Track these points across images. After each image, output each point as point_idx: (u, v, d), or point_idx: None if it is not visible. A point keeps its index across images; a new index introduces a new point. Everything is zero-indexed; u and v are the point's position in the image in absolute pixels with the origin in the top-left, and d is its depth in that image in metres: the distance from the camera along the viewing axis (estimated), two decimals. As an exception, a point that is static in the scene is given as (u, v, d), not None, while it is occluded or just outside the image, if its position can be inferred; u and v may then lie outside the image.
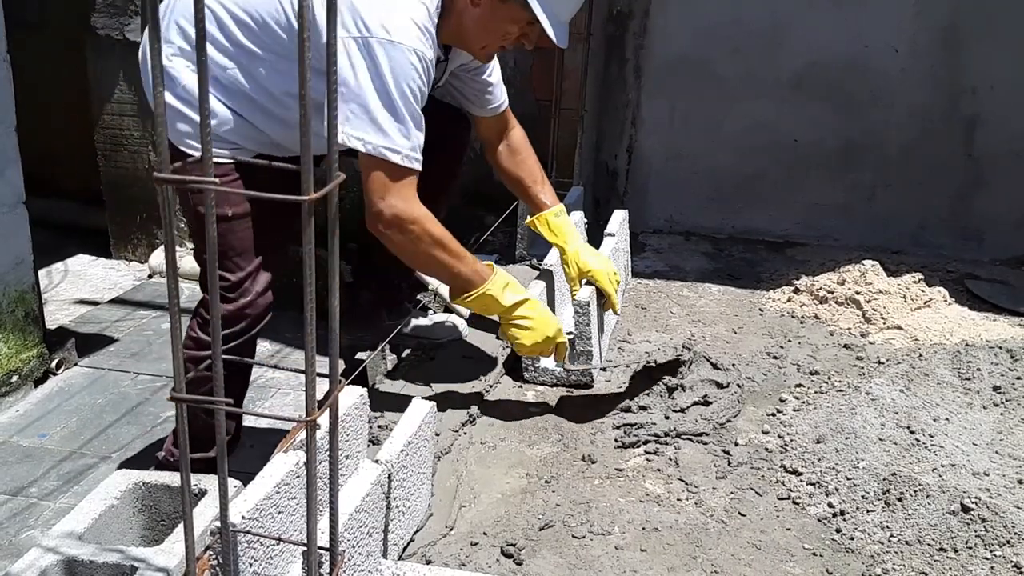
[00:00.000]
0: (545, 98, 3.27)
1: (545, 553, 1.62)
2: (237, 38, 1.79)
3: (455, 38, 1.94)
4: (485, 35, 1.92)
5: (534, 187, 2.29)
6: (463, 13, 1.87)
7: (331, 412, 0.91)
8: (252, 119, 1.84)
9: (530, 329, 1.97)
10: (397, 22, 1.73)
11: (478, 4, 1.86)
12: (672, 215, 3.61)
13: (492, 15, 1.87)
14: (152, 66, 0.82)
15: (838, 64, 3.32)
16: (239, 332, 1.87)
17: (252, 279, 1.87)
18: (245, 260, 1.86)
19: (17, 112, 2.54)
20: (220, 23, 1.79)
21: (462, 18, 1.88)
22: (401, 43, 1.72)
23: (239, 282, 1.85)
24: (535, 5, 1.83)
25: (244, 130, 1.84)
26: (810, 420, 2.04)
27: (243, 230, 1.85)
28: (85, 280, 3.65)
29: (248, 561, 1.13)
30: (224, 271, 1.85)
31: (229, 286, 1.85)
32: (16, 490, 2.24)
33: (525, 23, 1.89)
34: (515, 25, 1.90)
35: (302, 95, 0.79)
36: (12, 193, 2.55)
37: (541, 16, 1.84)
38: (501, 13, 1.87)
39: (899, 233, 3.42)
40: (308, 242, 0.82)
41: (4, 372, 2.58)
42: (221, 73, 1.81)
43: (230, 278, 1.85)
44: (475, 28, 1.89)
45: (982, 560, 1.58)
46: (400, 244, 1.85)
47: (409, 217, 1.81)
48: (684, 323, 2.68)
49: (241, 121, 1.84)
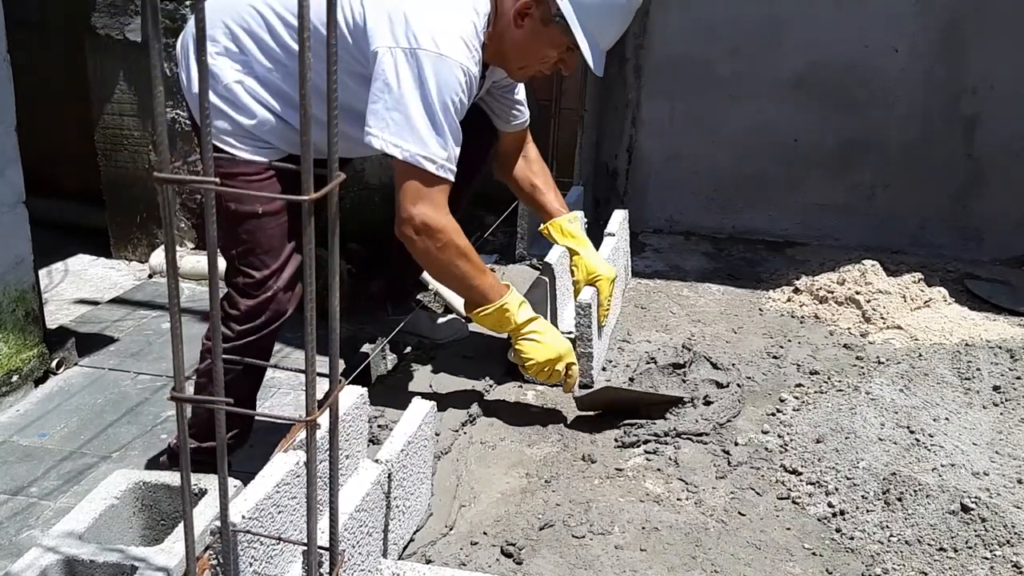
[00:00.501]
0: (545, 98, 3.27)
1: (545, 553, 1.62)
2: (283, 40, 1.82)
3: (495, 56, 1.96)
4: (524, 56, 1.94)
5: (549, 194, 2.33)
6: (505, 32, 1.90)
7: (331, 412, 0.91)
8: (292, 120, 1.86)
9: (541, 344, 1.98)
10: (447, 37, 1.76)
11: (521, 26, 1.88)
12: (672, 215, 3.61)
13: (534, 37, 1.89)
14: (152, 66, 0.81)
15: (838, 64, 3.32)
16: (258, 327, 1.90)
17: (276, 277, 1.89)
18: (271, 258, 1.88)
19: (17, 112, 2.54)
20: (268, 25, 1.82)
21: (504, 38, 1.90)
22: (449, 57, 1.75)
23: (263, 279, 1.88)
24: (576, 30, 1.84)
25: (282, 131, 1.87)
26: (810, 420, 2.05)
27: (272, 228, 1.87)
28: (85, 280, 3.66)
29: (248, 561, 1.13)
30: (250, 267, 1.88)
31: (254, 283, 1.88)
32: (16, 490, 2.24)
33: (564, 48, 1.91)
34: (555, 50, 1.92)
35: (302, 95, 0.79)
36: (12, 193, 2.55)
37: (582, 42, 1.85)
38: (542, 36, 1.89)
39: (899, 233, 3.42)
40: (308, 242, 0.82)
41: (4, 372, 2.58)
42: (265, 74, 1.84)
43: (255, 275, 1.88)
44: (515, 49, 1.92)
45: (982, 560, 1.58)
46: (425, 251, 1.88)
47: (438, 226, 1.84)
48: (684, 323, 2.68)
49: (280, 123, 1.86)
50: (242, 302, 1.89)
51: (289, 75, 1.84)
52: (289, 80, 1.84)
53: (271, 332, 1.94)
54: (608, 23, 1.90)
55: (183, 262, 3.47)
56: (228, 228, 1.85)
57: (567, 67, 1.98)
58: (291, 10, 1.81)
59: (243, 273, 1.89)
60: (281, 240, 1.89)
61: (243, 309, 1.89)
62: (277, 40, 1.82)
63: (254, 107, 1.84)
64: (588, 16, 1.84)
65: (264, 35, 1.82)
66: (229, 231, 1.85)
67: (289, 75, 1.84)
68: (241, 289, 1.90)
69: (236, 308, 1.89)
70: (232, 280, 1.92)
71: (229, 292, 1.92)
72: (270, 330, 1.93)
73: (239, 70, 1.83)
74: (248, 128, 1.84)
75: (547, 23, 1.86)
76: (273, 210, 1.86)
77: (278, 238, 1.88)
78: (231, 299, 1.91)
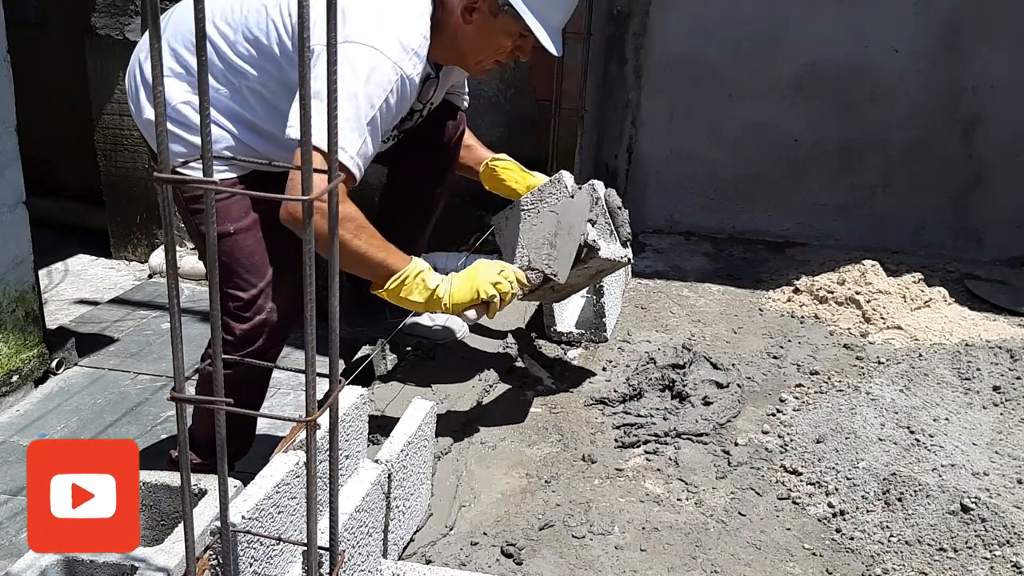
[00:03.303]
0: (545, 98, 3.27)
1: (545, 553, 1.62)
2: (229, 58, 1.79)
3: (449, 56, 1.95)
4: (479, 51, 1.92)
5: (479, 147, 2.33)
6: (456, 31, 1.88)
7: (331, 412, 0.91)
8: (246, 138, 1.84)
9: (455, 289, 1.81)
10: (384, 37, 1.71)
11: (470, 22, 1.86)
12: (672, 215, 3.61)
13: (485, 30, 1.87)
14: (153, 65, 0.82)
15: (838, 64, 3.32)
16: (258, 351, 1.84)
17: (265, 295, 1.83)
18: (255, 276, 1.83)
19: (17, 112, 2.54)
20: (212, 43, 1.78)
21: (456, 36, 1.88)
22: (384, 55, 1.69)
23: (252, 300, 1.83)
24: (527, 15, 1.83)
25: (238, 148, 1.84)
26: (810, 420, 2.05)
27: (248, 245, 1.82)
28: (85, 280, 3.65)
29: (248, 561, 1.13)
30: (235, 289, 1.82)
31: (242, 304, 1.82)
32: (16, 490, 2.24)
33: (518, 35, 1.89)
34: (508, 38, 1.90)
35: (302, 95, 0.79)
36: (12, 193, 2.55)
37: (534, 25, 1.84)
38: (493, 27, 1.87)
39: (899, 233, 3.42)
40: (308, 242, 0.83)
41: (4, 372, 2.58)
42: (214, 95, 1.79)
43: (242, 296, 1.82)
44: (469, 45, 1.90)
45: (982, 560, 1.58)
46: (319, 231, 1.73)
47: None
48: (684, 323, 2.68)
49: (236, 140, 1.83)
50: (236, 327, 1.83)
51: (237, 92, 1.80)
52: (237, 98, 1.81)
53: (273, 353, 1.89)
54: (555, 1, 1.88)
55: (183, 262, 3.47)
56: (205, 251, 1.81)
57: (523, 53, 1.95)
58: (234, 27, 1.78)
59: (230, 297, 1.82)
60: (261, 256, 1.83)
61: (238, 334, 1.83)
62: (223, 58, 1.79)
63: None
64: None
65: (210, 55, 1.78)
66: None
67: (237, 92, 1.80)
68: (232, 313, 1.83)
69: (231, 334, 1.83)
70: (222, 305, 1.85)
71: (221, 318, 1.87)
72: (272, 352, 1.87)
73: (187, 91, 1.79)
74: None
75: (496, 14, 1.84)
76: (245, 226, 1.82)
77: (258, 254, 1.83)
78: (225, 325, 1.82)
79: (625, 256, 2.09)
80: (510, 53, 1.95)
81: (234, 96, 1.81)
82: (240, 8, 1.80)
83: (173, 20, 1.86)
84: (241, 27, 1.78)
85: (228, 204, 1.80)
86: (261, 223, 1.83)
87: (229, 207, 1.80)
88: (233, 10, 1.80)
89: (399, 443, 1.52)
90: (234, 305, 1.83)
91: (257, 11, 1.78)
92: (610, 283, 2.50)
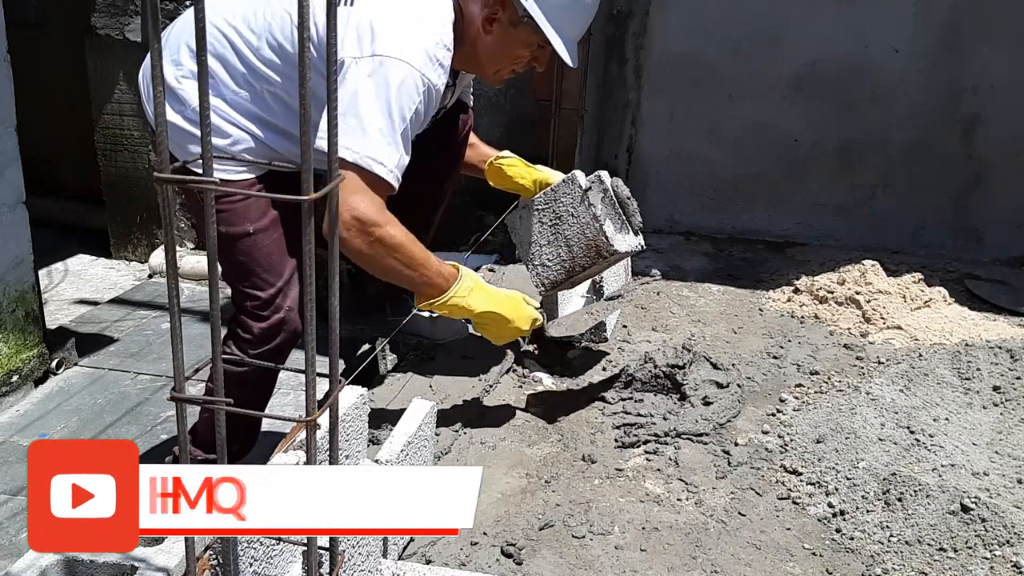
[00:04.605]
0: (545, 98, 3.27)
1: (545, 553, 1.62)
2: (250, 61, 1.80)
3: (468, 64, 1.97)
4: (498, 60, 1.95)
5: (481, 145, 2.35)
6: (476, 41, 1.90)
7: (331, 412, 0.91)
8: (268, 140, 1.85)
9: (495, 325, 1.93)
10: (412, 48, 1.74)
11: (490, 32, 1.89)
12: (672, 215, 3.61)
13: (504, 40, 1.90)
14: (152, 65, 0.82)
15: (838, 64, 3.32)
16: (275, 349, 1.87)
17: (283, 294, 1.86)
18: (273, 275, 1.85)
19: (17, 112, 2.54)
20: (234, 47, 1.80)
21: (475, 46, 1.91)
22: (412, 66, 1.72)
23: (270, 299, 1.85)
24: (546, 27, 1.85)
25: (258, 150, 1.85)
26: (810, 420, 2.05)
27: (267, 244, 1.84)
28: (85, 280, 3.65)
29: (248, 561, 1.13)
30: (253, 288, 1.84)
31: (260, 303, 1.84)
32: (16, 490, 2.24)
33: (536, 46, 1.92)
34: (527, 49, 1.93)
35: (302, 94, 0.79)
36: (12, 193, 2.55)
37: (552, 37, 1.86)
38: (513, 38, 1.90)
39: (899, 233, 3.42)
40: (308, 242, 0.82)
41: (4, 372, 2.58)
42: (233, 96, 1.81)
43: (260, 295, 1.84)
44: (488, 54, 1.93)
45: (982, 560, 1.58)
46: (357, 250, 1.73)
47: (371, 219, 1.71)
48: (684, 323, 2.68)
49: (257, 142, 1.84)
50: (255, 325, 1.85)
51: (258, 96, 1.81)
52: (258, 101, 1.82)
53: (286, 354, 1.91)
54: (574, 15, 1.91)
55: (183, 262, 3.47)
56: (223, 253, 1.80)
57: (540, 63, 1.98)
58: (256, 31, 1.79)
59: (248, 296, 1.85)
60: (280, 256, 1.85)
61: (256, 332, 1.85)
62: (245, 63, 1.80)
63: (227, 127, 1.81)
64: (554, 12, 1.85)
65: (231, 56, 1.79)
66: (225, 256, 1.81)
67: (258, 96, 1.81)
68: (251, 312, 1.85)
69: (249, 332, 1.85)
70: (240, 304, 1.88)
71: (240, 317, 1.88)
72: (286, 352, 1.90)
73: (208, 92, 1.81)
74: (223, 148, 1.80)
75: (516, 25, 1.87)
76: (264, 226, 1.83)
77: (276, 254, 1.85)
78: (243, 324, 1.86)
79: (639, 244, 2.15)
80: (527, 63, 1.98)
81: (255, 99, 1.82)
82: (264, 14, 1.80)
83: (190, 21, 1.86)
84: (265, 33, 1.79)
85: (247, 204, 1.82)
86: (282, 222, 1.85)
87: (248, 207, 1.82)
88: (256, 14, 1.80)
89: (399, 443, 1.52)
90: (252, 304, 1.86)
91: (282, 18, 1.79)
92: (610, 282, 2.50)
